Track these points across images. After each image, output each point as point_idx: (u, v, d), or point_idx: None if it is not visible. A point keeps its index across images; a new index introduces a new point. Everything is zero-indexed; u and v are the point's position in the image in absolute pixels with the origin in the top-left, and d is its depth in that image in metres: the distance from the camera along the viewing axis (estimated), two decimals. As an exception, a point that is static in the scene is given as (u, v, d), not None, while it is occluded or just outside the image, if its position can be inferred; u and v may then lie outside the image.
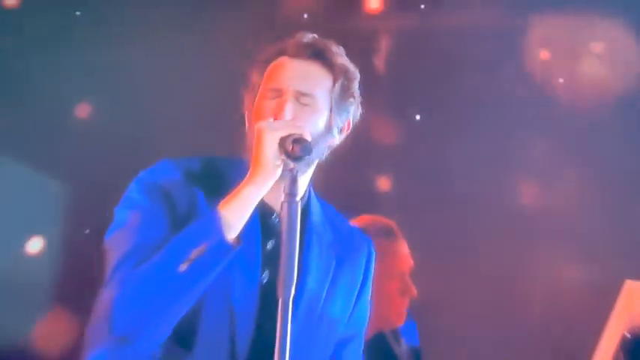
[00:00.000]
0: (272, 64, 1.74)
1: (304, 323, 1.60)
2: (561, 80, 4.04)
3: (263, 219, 1.65)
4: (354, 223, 2.51)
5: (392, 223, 2.97)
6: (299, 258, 1.45)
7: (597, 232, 3.90)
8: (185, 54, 3.95)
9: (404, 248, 2.97)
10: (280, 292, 1.36)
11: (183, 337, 1.54)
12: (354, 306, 1.82)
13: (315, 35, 1.74)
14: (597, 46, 4.03)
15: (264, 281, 1.61)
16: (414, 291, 2.92)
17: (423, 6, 4.20)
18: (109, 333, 1.53)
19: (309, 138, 1.59)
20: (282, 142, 1.55)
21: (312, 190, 1.77)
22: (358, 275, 1.85)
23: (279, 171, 1.56)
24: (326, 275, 1.67)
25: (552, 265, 4.00)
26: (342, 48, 1.77)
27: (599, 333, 2.53)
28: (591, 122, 4.02)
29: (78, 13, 3.87)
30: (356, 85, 1.77)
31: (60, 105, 3.90)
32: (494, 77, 4.07)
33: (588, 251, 3.88)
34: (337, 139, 1.75)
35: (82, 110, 3.96)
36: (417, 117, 4.28)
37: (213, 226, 1.51)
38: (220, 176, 1.70)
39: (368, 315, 1.93)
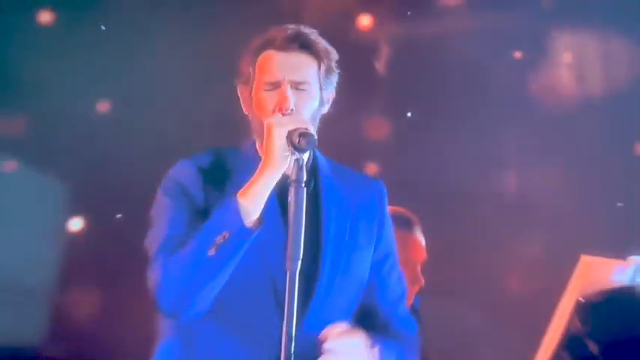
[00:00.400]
0: (261, 57, 1.91)
1: (333, 269, 1.80)
2: (536, 81, 4.46)
3: (281, 194, 1.80)
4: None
5: (412, 215, 3.16)
6: (316, 214, 1.73)
7: (561, 215, 4.25)
8: (193, 58, 4.41)
9: (420, 240, 3.16)
10: (288, 265, 1.56)
11: (228, 306, 1.77)
12: (377, 236, 1.99)
13: (294, 26, 1.93)
14: (569, 52, 4.44)
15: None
16: (422, 281, 3.13)
17: (409, 12, 4.59)
18: (159, 312, 1.80)
19: (313, 131, 1.75)
20: (290, 135, 1.71)
21: (317, 152, 1.96)
22: (373, 211, 2.00)
23: (288, 161, 1.72)
24: (344, 219, 1.86)
25: (528, 245, 4.35)
26: (315, 31, 1.94)
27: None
28: (562, 119, 4.42)
29: (103, 27, 4.44)
30: (335, 61, 1.96)
31: (85, 102, 4.45)
32: (477, 77, 4.46)
33: (553, 230, 4.25)
34: (326, 108, 1.97)
35: (103, 106, 4.54)
36: (409, 114, 4.73)
37: (233, 214, 1.68)
38: (225, 165, 1.92)
39: (394, 239, 2.08)
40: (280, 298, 1.70)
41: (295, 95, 1.85)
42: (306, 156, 1.71)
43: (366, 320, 1.88)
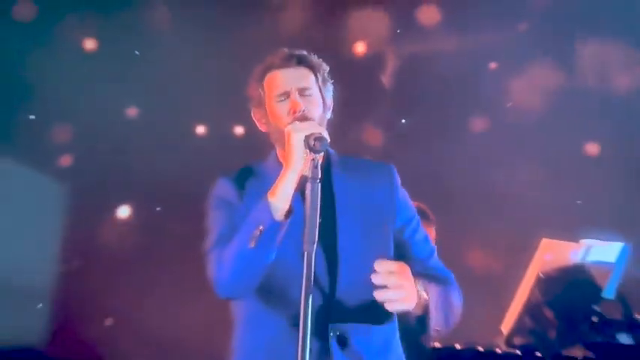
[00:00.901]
0: (267, 78, 2.07)
1: (351, 244, 1.96)
2: (509, 87, 5.00)
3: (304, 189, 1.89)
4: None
5: (426, 208, 3.43)
6: (331, 204, 1.94)
7: (528, 205, 4.77)
8: (208, 68, 4.95)
9: (431, 231, 3.46)
10: (305, 247, 1.70)
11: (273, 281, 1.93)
12: (397, 207, 2.13)
13: (286, 49, 2.12)
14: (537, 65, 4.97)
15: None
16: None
17: (398, 30, 5.13)
18: (216, 291, 1.95)
19: (326, 135, 1.86)
20: (307, 139, 1.84)
21: (331, 151, 2.09)
22: (388, 189, 2.15)
23: (305, 161, 1.84)
24: (355, 206, 2.01)
25: (499, 229, 4.85)
26: (304, 51, 2.12)
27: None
28: (530, 123, 4.94)
29: (137, 52, 5.10)
30: (327, 72, 2.14)
31: (117, 107, 5.11)
32: (459, 88, 4.99)
33: (520, 218, 4.72)
34: (329, 114, 2.11)
35: (132, 111, 5.22)
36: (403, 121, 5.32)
37: (265, 211, 1.85)
38: (254, 175, 2.11)
39: (412, 206, 2.22)
40: (299, 267, 1.83)
41: (303, 101, 2.01)
42: (320, 156, 1.82)
43: None
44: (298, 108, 1.99)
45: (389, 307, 1.84)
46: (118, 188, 5.11)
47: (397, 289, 1.81)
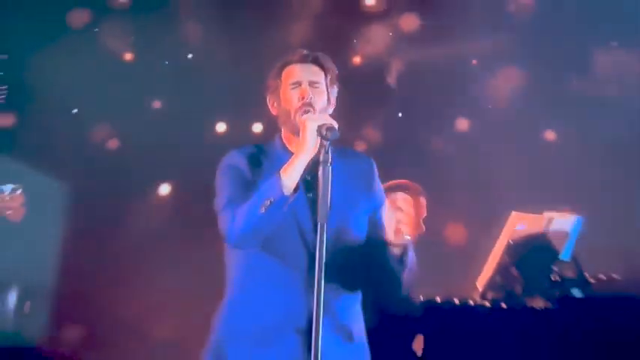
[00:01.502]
0: (286, 69, 2.32)
1: (340, 216, 2.13)
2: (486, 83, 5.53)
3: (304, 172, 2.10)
4: (391, 183, 3.40)
5: (410, 183, 3.69)
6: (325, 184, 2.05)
7: (500, 182, 5.28)
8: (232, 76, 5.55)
9: (423, 202, 3.79)
10: (319, 219, 1.92)
11: (276, 240, 2.17)
12: (372, 192, 2.34)
13: (306, 50, 2.36)
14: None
15: (310, 196, 2.16)
16: (424, 228, 3.77)
17: (390, 33, 5.64)
18: (227, 241, 2.20)
19: (336, 125, 2.03)
20: (319, 129, 2.02)
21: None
22: (368, 176, 2.36)
23: (317, 146, 2.03)
24: (343, 187, 2.15)
25: (476, 205, 5.43)
26: (324, 55, 2.36)
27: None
28: (501, 110, 5.50)
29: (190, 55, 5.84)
30: (335, 75, 2.36)
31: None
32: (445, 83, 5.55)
33: (495, 194, 5.23)
34: (331, 110, 2.31)
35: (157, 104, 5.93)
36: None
37: (276, 186, 2.05)
38: (261, 153, 2.31)
39: (383, 194, 2.42)
40: (305, 237, 2.16)
41: (311, 91, 2.25)
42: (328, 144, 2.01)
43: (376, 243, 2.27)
44: (307, 95, 2.23)
45: (402, 228, 2.16)
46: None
47: (410, 216, 2.16)
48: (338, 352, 2.13)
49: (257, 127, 5.88)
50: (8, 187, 3.36)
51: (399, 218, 2.15)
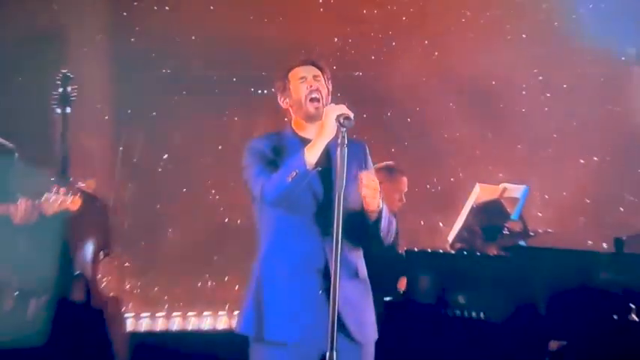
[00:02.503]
0: (292, 72, 2.63)
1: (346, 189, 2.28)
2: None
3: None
4: (379, 165, 3.91)
5: (395, 164, 4.31)
6: (330, 161, 2.38)
7: (467, 157, 5.93)
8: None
9: (404, 179, 4.32)
10: (337, 190, 2.18)
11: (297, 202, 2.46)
12: (363, 168, 2.53)
13: (305, 57, 2.66)
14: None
15: (320, 170, 2.41)
16: (404, 200, 4.28)
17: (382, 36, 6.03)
18: (262, 202, 2.49)
19: (352, 115, 2.26)
20: (338, 117, 2.28)
21: None
22: (361, 158, 2.62)
23: (335, 131, 2.29)
24: (348, 166, 2.28)
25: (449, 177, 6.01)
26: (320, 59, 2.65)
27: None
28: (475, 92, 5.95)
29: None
30: (329, 75, 2.65)
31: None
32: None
33: (463, 168, 5.92)
34: (327, 103, 2.52)
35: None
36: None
37: (301, 161, 2.33)
38: (277, 139, 2.60)
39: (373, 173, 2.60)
40: (319, 202, 2.45)
41: (315, 83, 2.58)
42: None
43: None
44: (313, 85, 2.56)
45: (369, 200, 2.37)
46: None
47: (374, 190, 2.36)
48: (347, 285, 2.38)
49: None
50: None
51: (364, 194, 2.36)
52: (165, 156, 6.03)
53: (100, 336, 3.71)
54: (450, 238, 4.46)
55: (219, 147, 5.96)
